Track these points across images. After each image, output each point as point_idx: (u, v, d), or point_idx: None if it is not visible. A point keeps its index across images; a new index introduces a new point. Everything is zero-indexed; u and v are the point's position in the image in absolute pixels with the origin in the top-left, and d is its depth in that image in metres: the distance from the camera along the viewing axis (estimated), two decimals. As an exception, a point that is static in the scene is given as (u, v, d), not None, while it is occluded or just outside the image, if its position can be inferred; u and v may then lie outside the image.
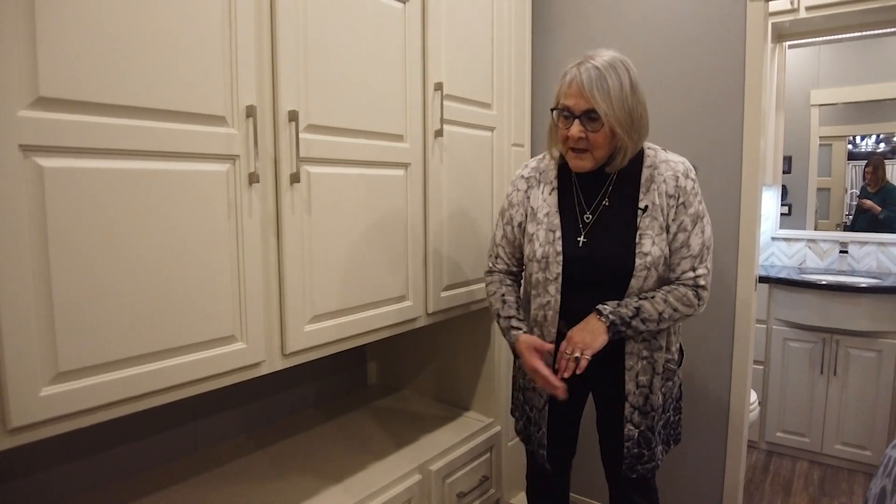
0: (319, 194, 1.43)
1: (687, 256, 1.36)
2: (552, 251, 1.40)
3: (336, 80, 1.44)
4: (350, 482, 1.69)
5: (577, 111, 1.30)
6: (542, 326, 1.45)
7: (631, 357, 1.39)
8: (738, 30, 1.91)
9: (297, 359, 1.43)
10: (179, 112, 1.13)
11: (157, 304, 1.13)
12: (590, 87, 1.27)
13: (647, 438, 1.43)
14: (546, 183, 1.47)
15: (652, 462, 1.44)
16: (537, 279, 1.43)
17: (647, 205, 1.35)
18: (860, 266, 3.06)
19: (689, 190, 1.36)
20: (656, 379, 1.41)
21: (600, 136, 1.31)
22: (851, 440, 2.67)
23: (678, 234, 1.36)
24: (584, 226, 1.40)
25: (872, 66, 3.07)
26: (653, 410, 1.42)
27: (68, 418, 1.03)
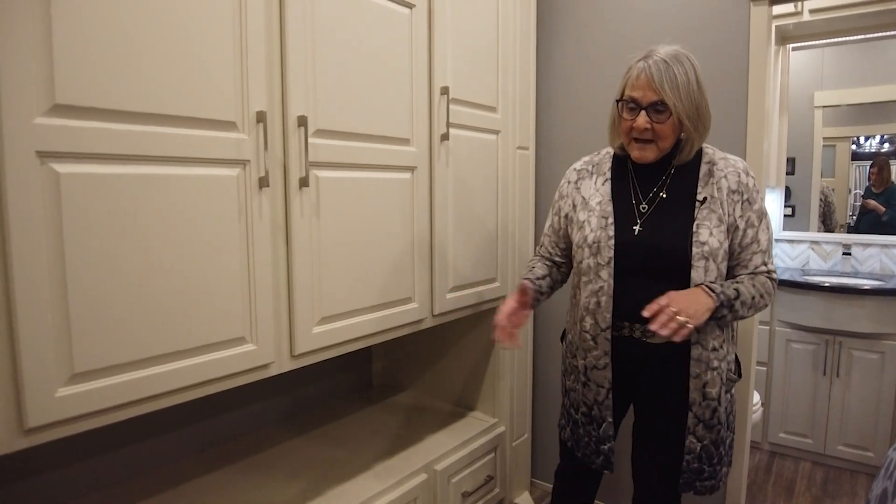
0: (327, 198, 1.45)
1: (758, 252, 1.38)
2: (604, 236, 1.40)
3: (344, 85, 1.46)
4: (355, 482, 1.71)
5: (644, 103, 1.32)
6: (594, 314, 1.42)
7: (699, 365, 1.36)
8: (741, 33, 1.93)
9: (305, 360, 1.45)
10: (191, 118, 1.15)
11: (169, 307, 1.15)
12: (660, 80, 1.29)
13: (710, 454, 1.39)
14: (599, 174, 1.50)
15: (712, 481, 1.41)
16: (588, 265, 1.42)
17: (706, 197, 1.36)
18: (863, 268, 3.07)
19: (752, 187, 1.38)
20: (723, 391, 1.39)
21: (667, 126, 1.33)
22: (854, 441, 2.68)
23: (747, 230, 1.37)
24: (640, 215, 1.40)
25: (875, 69, 3.07)
26: (719, 424, 1.39)
27: (83, 419, 1.05)
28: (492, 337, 1.51)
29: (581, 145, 2.24)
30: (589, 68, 2.23)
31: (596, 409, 1.47)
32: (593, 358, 1.44)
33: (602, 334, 1.41)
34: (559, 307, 2.35)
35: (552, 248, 1.62)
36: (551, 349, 2.42)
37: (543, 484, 2.47)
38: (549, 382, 2.44)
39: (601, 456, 1.49)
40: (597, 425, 1.47)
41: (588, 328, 1.43)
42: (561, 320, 2.36)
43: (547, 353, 2.43)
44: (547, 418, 2.45)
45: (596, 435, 1.48)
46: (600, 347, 1.41)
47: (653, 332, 1.24)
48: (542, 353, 2.44)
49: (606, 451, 1.48)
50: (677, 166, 1.41)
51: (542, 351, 2.44)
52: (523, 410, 2.34)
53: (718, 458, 1.41)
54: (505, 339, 1.44)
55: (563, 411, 1.62)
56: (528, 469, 2.43)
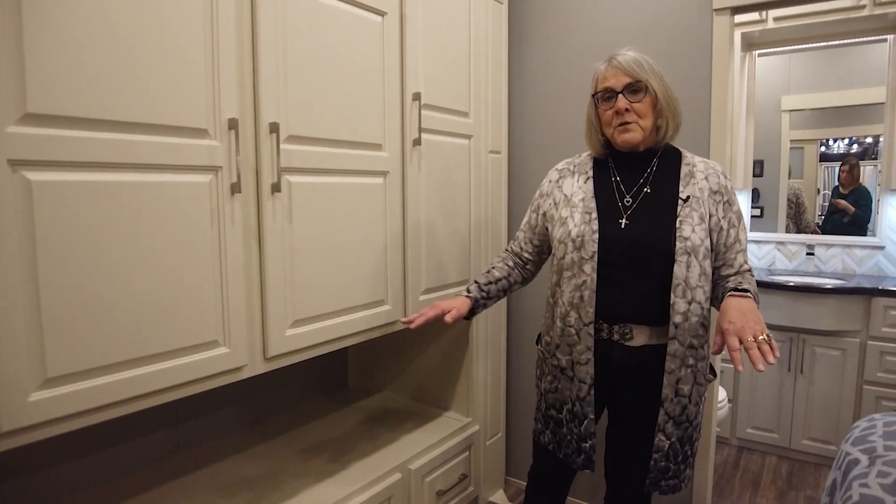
0: (300, 203, 1.47)
1: (740, 251, 1.44)
2: (588, 230, 1.43)
3: (316, 91, 1.49)
4: (331, 482, 1.73)
5: (618, 87, 1.41)
6: (578, 308, 1.44)
7: (674, 360, 1.38)
8: (705, 42, 1.99)
9: (278, 362, 1.48)
10: (164, 125, 1.17)
11: (143, 311, 1.17)
12: (629, 65, 1.40)
13: (677, 452, 1.42)
14: (581, 173, 1.55)
15: (675, 480, 1.44)
16: (571, 259, 1.45)
17: (689, 195, 1.42)
18: (826, 267, 3.17)
19: (731, 189, 1.46)
20: (696, 389, 1.41)
21: (645, 105, 1.41)
22: (818, 435, 2.78)
23: (730, 230, 1.43)
24: (625, 209, 1.45)
25: (840, 74, 3.17)
26: (688, 422, 1.42)
27: (56, 422, 1.07)
28: (412, 316, 1.55)
29: (553, 149, 2.29)
30: (559, 74, 2.28)
31: (578, 405, 1.48)
32: (577, 353, 1.46)
33: (585, 329, 1.44)
34: (534, 308, 2.39)
35: (525, 242, 1.66)
36: (525, 349, 2.46)
37: (517, 482, 2.52)
38: (523, 381, 2.48)
39: (582, 455, 1.51)
40: (578, 422, 1.50)
41: (572, 323, 1.46)
42: (535, 320, 2.40)
43: (520, 352, 2.48)
44: (520, 417, 2.50)
45: (577, 432, 1.50)
46: (583, 342, 1.44)
47: (761, 367, 1.15)
48: (515, 352, 2.48)
49: (588, 448, 1.50)
50: (659, 164, 1.47)
51: (516, 350, 2.48)
52: (497, 409, 2.39)
53: (684, 457, 1.45)
54: (415, 323, 1.51)
55: (538, 415, 1.64)
56: (503, 467, 2.48)
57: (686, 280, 1.37)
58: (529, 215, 1.65)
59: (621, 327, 1.43)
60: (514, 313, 2.46)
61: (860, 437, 1.34)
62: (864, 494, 1.08)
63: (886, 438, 1.28)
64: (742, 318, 1.22)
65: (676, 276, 1.36)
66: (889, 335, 2.59)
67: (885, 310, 2.59)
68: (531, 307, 2.40)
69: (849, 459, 1.27)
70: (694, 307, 1.37)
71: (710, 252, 1.41)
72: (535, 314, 2.39)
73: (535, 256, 1.67)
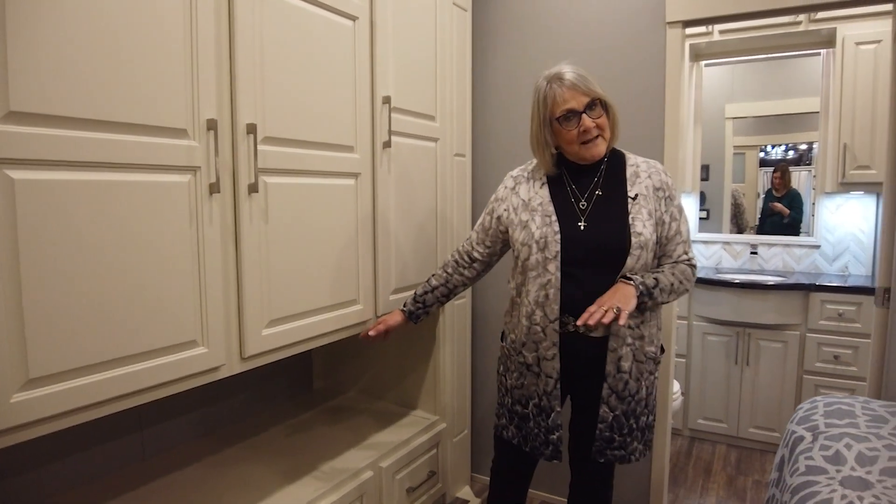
0: (276, 203, 1.50)
1: (680, 242, 1.56)
2: (550, 231, 1.52)
3: (291, 94, 1.52)
4: (302, 482, 1.74)
5: (580, 108, 1.48)
6: (543, 306, 1.52)
7: (616, 339, 1.49)
8: (658, 53, 2.11)
9: (255, 362, 1.49)
10: (144, 125, 1.18)
11: (124, 311, 1.17)
12: (584, 83, 1.49)
13: (621, 424, 1.52)
14: (536, 179, 1.63)
15: (622, 451, 1.54)
16: (536, 260, 1.52)
17: (637, 194, 1.53)
18: (769, 266, 3.37)
19: (671, 185, 1.58)
20: (636, 366, 1.52)
21: (604, 119, 1.52)
22: (763, 424, 2.95)
23: (671, 223, 1.54)
24: (581, 212, 1.55)
25: (779, 84, 3.39)
26: (630, 397, 1.52)
27: (38, 423, 1.06)
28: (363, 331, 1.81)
29: (514, 153, 2.37)
30: (520, 82, 2.36)
31: (545, 399, 1.56)
32: (543, 349, 1.54)
33: (550, 325, 1.52)
34: (497, 309, 2.47)
35: (477, 243, 1.73)
36: (489, 348, 2.53)
37: (482, 478, 2.58)
38: (487, 380, 2.55)
39: (550, 446, 1.58)
40: (545, 416, 1.57)
41: (538, 321, 1.53)
42: (499, 320, 2.47)
43: (485, 351, 2.54)
44: (485, 414, 2.56)
45: (545, 425, 1.57)
46: (549, 339, 1.52)
47: (593, 325, 1.37)
48: (479, 351, 2.55)
49: (555, 440, 1.57)
50: (607, 168, 1.57)
51: (480, 349, 2.55)
52: (463, 407, 2.45)
53: (629, 430, 1.54)
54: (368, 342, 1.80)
55: (502, 411, 1.71)
56: (468, 464, 2.53)
57: (632, 269, 1.49)
58: (484, 218, 1.72)
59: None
60: (479, 314, 2.53)
61: (804, 416, 1.46)
62: (810, 465, 1.19)
63: (827, 417, 1.40)
64: (612, 296, 1.42)
65: (626, 266, 1.48)
66: (825, 328, 2.78)
67: (822, 304, 2.79)
68: (495, 308, 2.47)
69: (794, 437, 1.38)
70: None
71: (656, 245, 1.53)
72: (498, 315, 2.47)
73: (486, 257, 1.74)
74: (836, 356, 2.76)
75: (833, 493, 1.06)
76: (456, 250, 1.80)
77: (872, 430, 1.32)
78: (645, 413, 1.58)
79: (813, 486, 1.11)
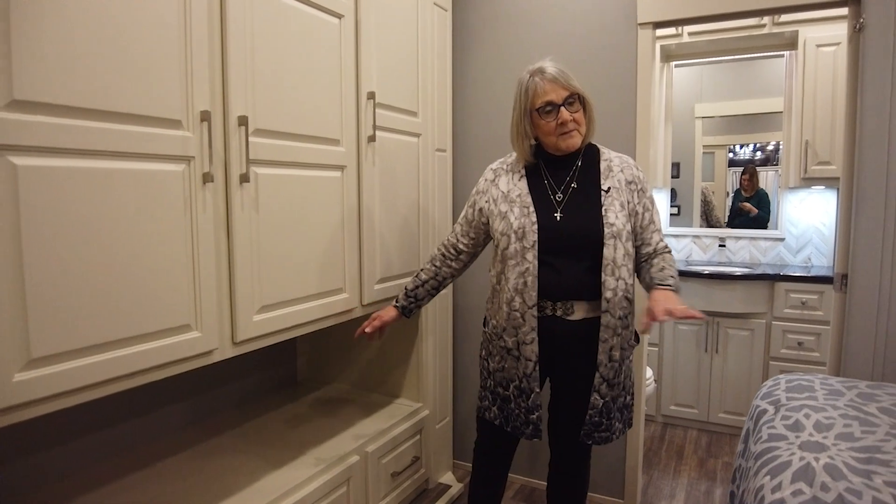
0: (266, 193, 1.55)
1: (655, 230, 1.65)
2: (528, 222, 1.59)
3: (280, 88, 1.57)
4: (290, 467, 1.79)
5: (559, 101, 1.56)
6: (522, 293, 1.58)
7: (607, 331, 1.56)
8: (630, 52, 2.20)
9: (246, 347, 1.54)
10: (142, 116, 1.23)
11: (121, 294, 1.21)
12: (564, 78, 1.56)
13: (609, 409, 1.61)
14: (515, 172, 1.70)
15: (607, 433, 1.62)
16: (515, 249, 1.59)
17: (610, 187, 1.61)
18: (736, 258, 3.51)
19: (643, 179, 1.67)
20: (622, 354, 1.61)
21: (581, 114, 1.59)
22: (732, 408, 3.07)
23: (644, 213, 1.63)
24: (558, 204, 1.62)
25: (747, 85, 3.53)
26: (619, 383, 1.61)
27: (39, 403, 1.10)
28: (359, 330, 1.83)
29: (493, 148, 2.45)
30: (498, 79, 2.44)
31: (525, 381, 1.63)
32: (522, 334, 1.61)
33: (529, 311, 1.59)
34: (477, 298, 2.54)
35: (462, 235, 1.80)
36: (470, 336, 2.60)
37: (464, 464, 2.65)
38: (469, 368, 2.62)
39: (531, 426, 1.66)
40: (525, 397, 1.64)
41: (517, 307, 1.60)
42: (479, 309, 2.55)
43: (466, 340, 2.61)
44: (467, 402, 2.63)
45: (526, 405, 1.65)
46: (528, 324, 1.59)
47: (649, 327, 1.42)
48: (461, 340, 2.62)
49: (535, 419, 1.65)
50: (582, 161, 1.65)
51: (462, 338, 2.62)
52: (445, 395, 2.51)
53: (613, 414, 1.64)
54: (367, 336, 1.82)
55: (484, 393, 1.78)
56: (451, 450, 2.60)
57: (614, 260, 1.56)
58: (466, 210, 1.79)
59: (563, 304, 1.59)
60: (460, 303, 2.60)
61: (767, 392, 1.56)
62: (772, 433, 1.28)
63: (788, 392, 1.50)
64: (664, 302, 1.43)
65: (606, 258, 1.55)
66: (790, 315, 2.91)
67: (787, 293, 2.92)
68: (475, 297, 2.55)
69: (758, 410, 1.48)
70: (620, 283, 1.56)
71: (632, 234, 1.61)
72: (478, 303, 2.54)
73: (471, 248, 1.81)
74: (800, 342, 2.90)
75: (792, 455, 1.15)
76: (441, 244, 1.85)
77: (830, 401, 1.42)
78: (623, 395, 1.66)
79: (774, 450, 1.20)
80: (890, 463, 1.09)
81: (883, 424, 1.28)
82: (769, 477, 1.11)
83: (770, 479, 1.11)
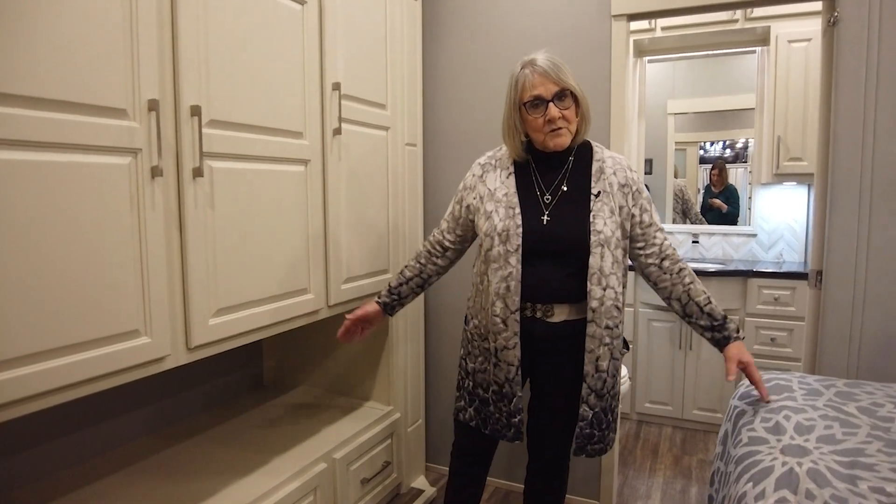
0: (222, 189, 1.45)
1: (657, 229, 1.58)
2: (512, 224, 1.51)
3: (237, 76, 1.47)
4: (254, 476, 1.71)
5: (548, 96, 1.47)
6: (504, 298, 1.52)
7: (593, 341, 1.49)
8: (604, 44, 2.15)
9: (202, 352, 1.45)
10: (81, 104, 1.13)
11: (60, 299, 1.11)
12: (555, 72, 1.48)
13: (600, 420, 1.54)
14: (503, 168, 1.62)
15: (601, 444, 1.56)
16: (498, 252, 1.52)
17: (600, 191, 1.53)
18: (709, 254, 3.50)
19: (637, 180, 1.59)
20: (612, 364, 1.53)
21: (571, 111, 1.51)
22: (705, 405, 3.06)
23: (643, 215, 1.56)
24: (545, 206, 1.54)
25: (718, 81, 3.53)
26: (608, 394, 1.54)
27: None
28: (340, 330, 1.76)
29: (465, 143, 2.38)
30: (470, 73, 2.37)
31: (507, 386, 1.57)
32: (503, 339, 1.54)
33: (511, 316, 1.52)
34: (451, 296, 2.47)
35: (448, 232, 1.73)
36: (442, 337, 2.53)
37: (438, 467, 2.58)
38: (441, 369, 2.55)
39: (512, 429, 1.60)
40: (507, 401, 1.58)
41: (499, 312, 1.54)
42: (452, 308, 2.48)
43: (439, 340, 2.54)
44: (440, 403, 2.56)
45: (507, 410, 1.59)
46: (510, 329, 1.53)
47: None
48: (434, 340, 2.55)
49: (517, 423, 1.59)
50: (574, 162, 1.58)
51: (434, 338, 2.55)
52: (417, 397, 2.44)
53: (607, 424, 1.58)
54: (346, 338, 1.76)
55: (461, 394, 1.71)
56: (423, 453, 2.53)
57: (601, 269, 1.49)
58: (453, 206, 1.72)
59: (544, 306, 1.53)
60: (432, 302, 2.53)
61: (745, 392, 1.52)
62: (752, 437, 1.24)
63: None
64: (746, 355, 1.51)
65: (592, 266, 1.48)
66: (762, 311, 2.91)
67: (759, 289, 2.91)
68: (448, 296, 2.48)
69: (737, 411, 1.44)
70: (608, 292, 1.49)
71: (622, 241, 1.54)
72: (451, 302, 2.47)
73: (457, 245, 1.74)
74: (773, 338, 2.89)
75: (774, 460, 1.11)
76: (427, 240, 1.78)
77: (809, 402, 1.39)
78: (617, 404, 1.62)
79: (756, 455, 1.16)
80: (874, 467, 1.06)
81: (863, 425, 1.25)
82: (751, 484, 1.07)
83: (752, 487, 1.06)
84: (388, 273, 2.17)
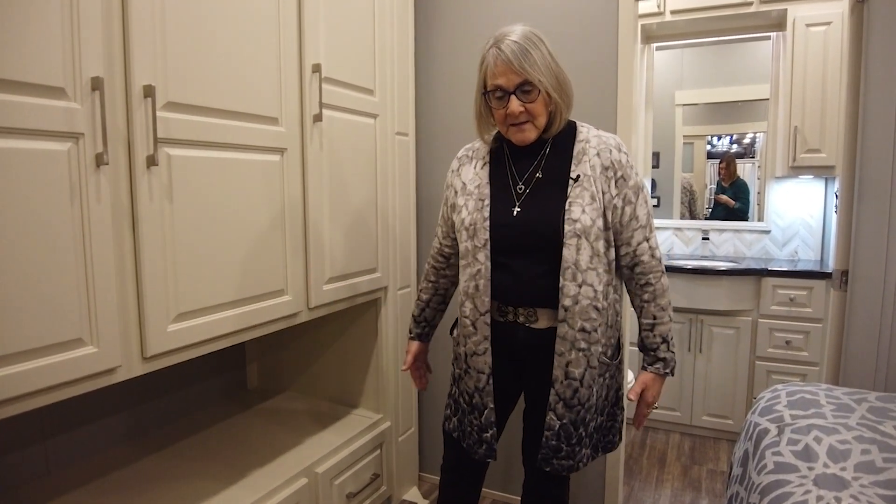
0: (183, 180, 1.30)
1: (638, 227, 1.37)
2: (479, 218, 1.37)
3: (200, 53, 1.32)
4: (230, 492, 1.58)
5: (510, 87, 1.30)
6: (473, 298, 1.39)
7: (563, 343, 1.33)
8: (611, 28, 1.99)
9: (160, 362, 1.30)
10: (9, 80, 0.98)
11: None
12: (518, 61, 1.28)
13: (569, 433, 1.37)
14: (478, 159, 1.47)
15: (570, 461, 1.39)
16: (466, 248, 1.40)
17: (579, 175, 1.34)
18: (720, 251, 3.34)
19: (626, 163, 1.37)
20: (589, 373, 1.36)
21: (538, 104, 1.32)
22: (716, 411, 2.90)
23: (625, 207, 1.36)
24: (517, 197, 1.38)
25: (728, 70, 3.35)
26: (580, 405, 1.36)
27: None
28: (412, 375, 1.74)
29: (463, 132, 2.22)
30: (467, 57, 2.21)
31: (477, 396, 1.43)
32: (473, 344, 1.40)
33: (481, 318, 1.38)
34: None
35: (444, 238, 1.59)
36: (436, 339, 2.38)
37: (432, 477, 2.44)
38: (435, 373, 2.40)
39: (483, 445, 1.45)
40: (478, 413, 1.44)
41: (468, 313, 1.40)
42: (447, 309, 2.32)
43: (432, 343, 2.39)
44: (434, 410, 2.42)
45: (478, 423, 1.45)
46: (479, 332, 1.38)
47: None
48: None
49: (489, 439, 1.44)
50: (553, 145, 1.40)
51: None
52: (409, 404, 2.29)
53: (578, 439, 1.39)
54: (422, 385, 1.74)
55: (449, 401, 1.58)
56: (416, 463, 2.39)
57: (576, 263, 1.31)
58: (442, 209, 1.57)
59: (526, 310, 1.38)
60: (426, 303, 2.37)
61: (766, 407, 1.36)
62: (779, 462, 1.08)
63: (791, 407, 1.31)
64: (655, 393, 1.43)
65: (566, 260, 1.31)
66: (777, 313, 2.75)
67: (774, 289, 2.75)
68: (443, 296, 2.32)
69: (759, 430, 1.28)
70: (585, 290, 1.32)
71: (605, 231, 1.35)
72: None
73: (457, 249, 1.58)
74: (788, 341, 2.73)
75: (808, 493, 0.95)
76: (430, 255, 1.65)
77: (840, 420, 1.23)
78: (595, 418, 1.43)
79: (784, 485, 1.00)
80: (926, 505, 0.90)
81: (907, 450, 1.09)
82: (781, 523, 0.92)
83: (783, 527, 0.91)
84: (376, 272, 2.02)
